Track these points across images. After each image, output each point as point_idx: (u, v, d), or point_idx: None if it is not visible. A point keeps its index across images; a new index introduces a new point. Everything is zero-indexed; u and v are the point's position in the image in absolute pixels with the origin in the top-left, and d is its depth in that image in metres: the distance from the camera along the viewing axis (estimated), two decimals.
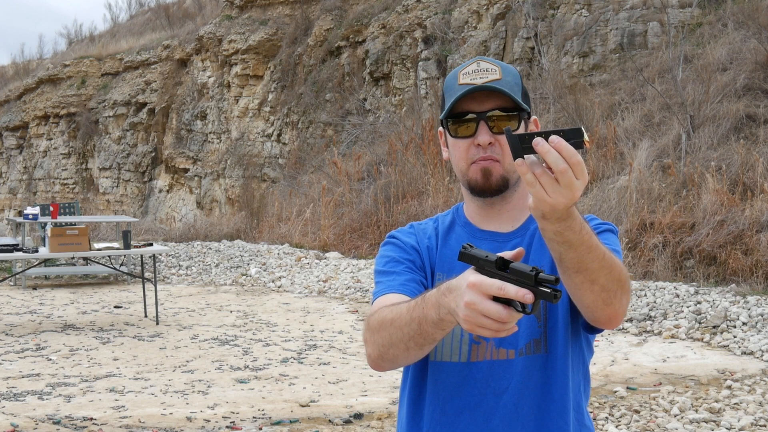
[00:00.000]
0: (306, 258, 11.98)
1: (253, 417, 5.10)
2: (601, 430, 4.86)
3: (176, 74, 22.95)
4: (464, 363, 1.66)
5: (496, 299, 1.32)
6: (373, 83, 18.31)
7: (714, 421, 4.98)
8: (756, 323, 7.04)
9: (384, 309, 1.58)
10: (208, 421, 5.01)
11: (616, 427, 4.90)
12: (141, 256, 8.88)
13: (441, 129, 1.76)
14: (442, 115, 1.70)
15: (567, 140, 1.29)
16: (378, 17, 18.63)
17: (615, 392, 5.62)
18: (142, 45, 24.84)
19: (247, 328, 8.16)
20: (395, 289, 1.67)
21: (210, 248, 13.27)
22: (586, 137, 1.30)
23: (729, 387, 5.69)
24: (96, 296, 10.31)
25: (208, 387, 5.83)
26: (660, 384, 5.85)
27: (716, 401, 5.38)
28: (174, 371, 6.31)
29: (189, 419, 5.05)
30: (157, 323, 8.31)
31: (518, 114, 1.67)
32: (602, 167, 11.25)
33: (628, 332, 7.51)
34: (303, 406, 5.36)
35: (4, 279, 9.86)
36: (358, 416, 5.13)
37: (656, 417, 5.08)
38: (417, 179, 12.93)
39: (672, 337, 7.21)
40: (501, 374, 1.65)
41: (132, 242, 8.62)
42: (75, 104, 24.54)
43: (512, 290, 1.29)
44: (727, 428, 4.86)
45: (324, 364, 6.57)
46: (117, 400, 5.45)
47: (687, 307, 7.65)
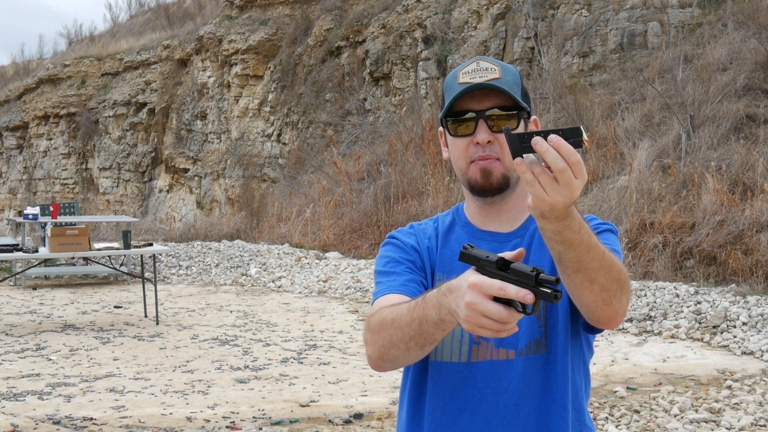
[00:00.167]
0: (306, 258, 11.98)
1: (253, 417, 5.10)
2: (601, 430, 4.85)
3: (176, 74, 22.95)
4: (464, 363, 1.66)
5: (497, 300, 1.32)
6: (373, 83, 18.31)
7: (714, 421, 4.97)
8: (756, 323, 7.03)
9: (384, 309, 1.57)
10: (208, 421, 5.01)
11: (616, 427, 4.90)
12: (141, 256, 8.88)
13: (441, 129, 1.76)
14: (442, 114, 1.70)
15: (566, 139, 1.28)
16: (378, 17, 18.63)
17: (615, 392, 5.62)
18: (142, 45, 24.83)
19: (247, 328, 8.16)
20: (395, 290, 1.67)
21: (210, 248, 13.27)
22: (585, 136, 1.29)
23: (729, 387, 5.69)
24: (96, 296, 10.31)
25: (208, 387, 5.83)
26: (660, 384, 5.85)
27: (716, 401, 5.38)
28: (174, 371, 6.31)
29: (189, 419, 5.05)
30: (157, 323, 8.31)
31: (518, 113, 1.67)
32: (602, 167, 11.25)
33: (628, 332, 7.51)
34: (303, 406, 5.36)
35: (4, 279, 9.86)
36: (358, 416, 5.13)
37: (656, 417, 5.08)
38: (417, 179, 12.93)
39: (672, 337, 7.21)
40: (501, 374, 1.65)
41: (132, 242, 8.62)
42: (75, 104, 24.54)
43: (513, 291, 1.29)
44: (727, 428, 4.86)
45: (324, 364, 6.57)
46: (117, 400, 5.45)
47: (687, 307, 7.65)
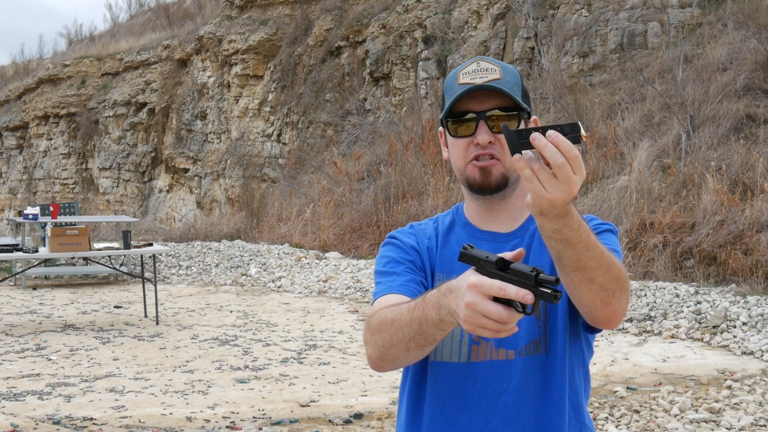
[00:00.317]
0: (306, 258, 11.98)
1: (253, 417, 5.10)
2: (601, 430, 4.85)
3: (176, 74, 22.95)
4: (464, 363, 1.66)
5: (497, 300, 1.32)
6: (373, 83, 18.31)
7: (714, 421, 4.97)
8: (756, 323, 7.03)
9: (384, 310, 1.57)
10: (208, 421, 5.01)
11: (616, 427, 4.90)
12: (141, 256, 8.88)
13: (441, 129, 1.76)
14: (442, 115, 1.70)
15: (564, 135, 1.29)
16: (378, 17, 18.63)
17: (615, 392, 5.62)
18: (142, 45, 24.83)
19: (247, 328, 8.16)
20: (395, 290, 1.67)
21: (210, 248, 13.27)
22: (584, 132, 1.30)
23: (729, 387, 5.69)
24: (96, 296, 10.31)
25: (208, 387, 5.83)
26: (660, 384, 5.85)
27: (716, 401, 5.38)
28: (174, 371, 6.31)
29: (189, 419, 5.05)
30: (157, 323, 8.31)
31: (518, 113, 1.67)
32: (602, 167, 11.25)
33: (628, 332, 7.51)
34: (303, 406, 5.36)
35: (4, 279, 9.86)
36: (358, 416, 5.13)
37: (656, 417, 5.08)
38: (417, 179, 12.93)
39: (672, 337, 7.21)
40: (501, 374, 1.65)
41: (132, 242, 8.63)
42: (75, 104, 24.54)
43: (513, 291, 1.29)
44: (727, 428, 4.86)
45: (324, 364, 6.57)
46: (117, 400, 5.45)
47: (687, 307, 7.65)
